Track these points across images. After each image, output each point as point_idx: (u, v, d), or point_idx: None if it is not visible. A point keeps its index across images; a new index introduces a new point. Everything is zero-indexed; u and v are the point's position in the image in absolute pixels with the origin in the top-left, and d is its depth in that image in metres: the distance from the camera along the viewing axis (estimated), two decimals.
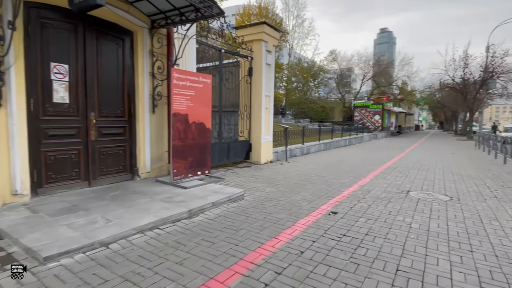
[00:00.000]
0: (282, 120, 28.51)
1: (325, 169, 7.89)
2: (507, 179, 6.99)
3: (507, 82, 28.34)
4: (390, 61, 45.23)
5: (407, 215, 4.06)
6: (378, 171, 7.72)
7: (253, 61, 8.32)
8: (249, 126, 8.42)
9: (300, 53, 44.63)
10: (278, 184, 5.81)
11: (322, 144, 13.06)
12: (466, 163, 9.81)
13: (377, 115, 30.71)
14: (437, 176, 7.22)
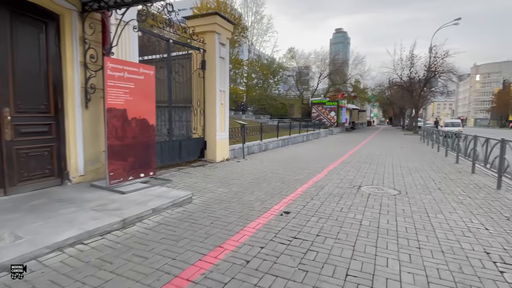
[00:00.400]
0: (243, 116, 28.31)
1: (281, 165, 7.76)
2: (448, 171, 7.47)
3: (447, 80, 31.20)
4: (344, 60, 47.27)
5: (358, 211, 4.01)
6: (332, 166, 7.79)
7: (206, 54, 7.87)
8: (203, 122, 7.99)
9: (260, 49, 44.78)
10: (232, 184, 5.50)
11: (280, 140, 13.04)
12: (413, 157, 10.40)
13: (333, 112, 31.88)
14: (386, 170, 7.47)
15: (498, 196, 4.92)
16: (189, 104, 7.79)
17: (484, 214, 3.96)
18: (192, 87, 7.74)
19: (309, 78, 49.10)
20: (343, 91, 40.33)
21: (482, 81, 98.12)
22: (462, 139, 8.86)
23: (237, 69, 37.29)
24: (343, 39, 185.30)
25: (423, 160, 9.61)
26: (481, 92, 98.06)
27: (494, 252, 2.80)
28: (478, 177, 6.71)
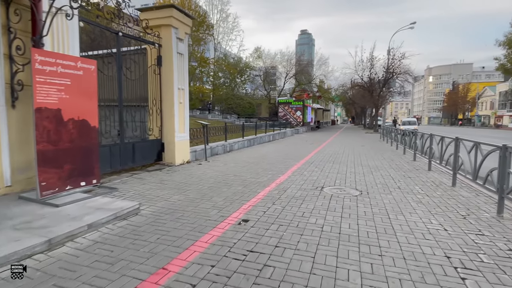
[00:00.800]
0: (209, 116, 27.63)
1: (245, 167, 7.46)
2: (407, 169, 7.67)
3: (403, 81, 33.07)
4: (309, 60, 48.27)
5: (320, 216, 3.82)
6: (296, 167, 7.66)
7: (162, 49, 7.33)
8: (161, 123, 7.44)
9: (226, 48, 44.27)
10: (189, 190, 5.08)
11: (246, 140, 12.76)
12: (373, 155, 10.67)
13: (299, 111, 32.36)
14: (348, 169, 7.49)
15: (453, 194, 5.05)
16: (144, 103, 7.21)
17: (442, 214, 3.97)
18: (147, 85, 7.16)
19: (276, 78, 49.56)
20: (308, 91, 41.16)
21: (434, 82, 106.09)
22: (419, 137, 9.21)
23: (203, 68, 36.53)
24: (308, 41, 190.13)
25: (383, 158, 9.87)
26: (434, 92, 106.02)
27: (455, 256, 2.72)
28: (434, 174, 6.95)
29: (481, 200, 4.63)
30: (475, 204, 4.42)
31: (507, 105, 57.43)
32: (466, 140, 5.33)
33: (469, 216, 3.87)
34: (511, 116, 56.08)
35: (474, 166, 4.77)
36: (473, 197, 4.82)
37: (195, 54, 35.03)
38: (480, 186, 4.88)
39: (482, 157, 4.46)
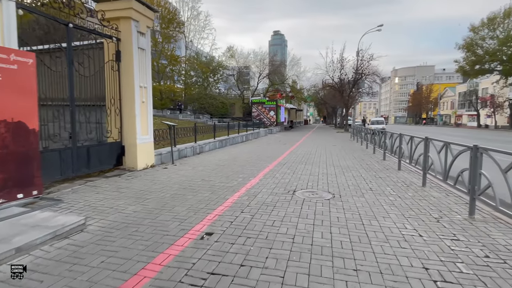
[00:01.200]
0: (180, 116, 26.75)
1: (215, 170, 7.05)
2: (377, 169, 7.67)
3: (372, 82, 34.18)
4: (282, 60, 48.58)
5: (291, 224, 3.54)
6: (268, 169, 7.38)
7: (121, 44, 6.73)
8: (120, 124, 6.83)
9: (198, 46, 43.34)
10: (149, 199, 4.59)
11: (217, 141, 12.30)
12: (345, 154, 10.68)
13: (272, 111, 32.33)
14: (321, 170, 7.34)
15: (424, 194, 5.00)
16: (102, 103, 6.56)
17: (415, 217, 3.85)
18: (104, 82, 6.53)
19: (250, 78, 49.39)
20: (281, 91, 41.37)
21: (400, 83, 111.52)
22: (388, 136, 9.31)
23: (174, 66, 35.46)
24: (281, 41, 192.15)
25: (354, 157, 9.89)
26: (400, 93, 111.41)
27: (433, 266, 2.54)
28: (404, 174, 6.97)
29: (451, 201, 4.60)
30: (447, 205, 4.37)
31: (465, 105, 61.54)
32: (436, 140, 5.32)
33: (442, 219, 3.77)
34: (469, 115, 60.20)
35: (444, 166, 4.74)
36: (443, 198, 4.80)
37: (165, 51, 33.94)
38: (449, 186, 4.87)
39: (453, 157, 4.42)
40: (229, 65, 44.59)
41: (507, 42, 34.83)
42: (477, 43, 38.65)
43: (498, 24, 36.39)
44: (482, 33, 38.07)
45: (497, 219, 3.78)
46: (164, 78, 36.45)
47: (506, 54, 35.30)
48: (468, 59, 39.68)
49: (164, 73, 35.69)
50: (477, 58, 38.52)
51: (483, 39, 38.07)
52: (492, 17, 36.55)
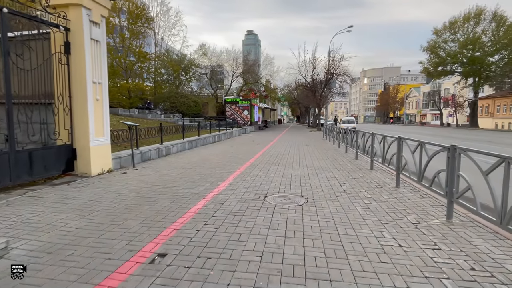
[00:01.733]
0: (149, 115, 25.58)
1: (180, 175, 6.49)
2: (350, 169, 7.49)
3: (342, 82, 34.87)
4: (255, 59, 48.33)
5: (260, 237, 3.12)
6: (239, 171, 6.94)
7: (71, 34, 5.96)
8: (70, 124, 6.06)
9: (168, 43, 41.96)
10: (97, 211, 3.97)
11: (187, 142, 11.65)
12: (318, 155, 10.51)
13: (246, 111, 31.95)
14: (294, 171, 7.02)
15: (399, 196, 4.81)
16: (48, 100, 5.76)
17: (392, 223, 3.58)
18: (51, 78, 5.74)
19: (224, 77, 48.69)
20: (255, 90, 41.11)
21: (369, 84, 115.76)
22: (360, 136, 9.22)
23: (142, 63, 33.97)
24: (254, 41, 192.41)
25: (327, 157, 9.73)
26: (368, 93, 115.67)
27: (418, 286, 2.23)
28: (377, 174, 6.84)
29: (427, 203, 4.43)
30: (423, 208, 4.18)
31: (429, 104, 65.01)
32: (410, 140, 5.16)
33: (420, 224, 3.54)
34: (433, 114, 63.68)
35: (419, 167, 4.57)
36: (419, 200, 4.63)
37: (132, 48, 32.40)
38: (423, 187, 4.71)
39: (428, 158, 4.23)
40: (202, 63, 43.68)
41: (466, 45, 37.08)
42: (439, 46, 40.83)
43: (458, 28, 38.66)
44: (444, 36, 40.27)
45: (475, 222, 3.61)
46: (132, 75, 34.85)
47: (466, 56, 37.58)
48: (432, 60, 41.83)
49: (132, 71, 34.11)
50: (440, 60, 40.71)
51: (445, 42, 40.28)
52: (453, 21, 38.77)
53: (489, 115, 45.94)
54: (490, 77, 38.43)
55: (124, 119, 11.30)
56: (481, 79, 38.84)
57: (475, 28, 37.68)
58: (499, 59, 37.22)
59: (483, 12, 36.78)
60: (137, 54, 32.58)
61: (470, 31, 37.82)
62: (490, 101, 45.47)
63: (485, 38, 37.18)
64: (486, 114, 46.53)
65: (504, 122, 42.27)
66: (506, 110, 41.97)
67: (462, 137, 21.75)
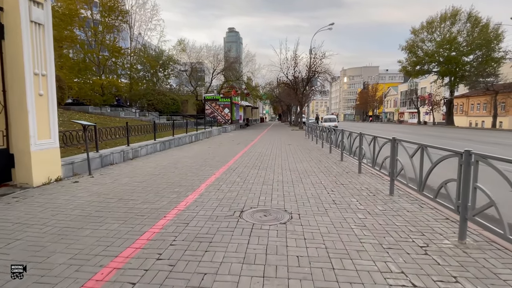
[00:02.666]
0: (122, 113, 24.07)
1: (143, 183, 5.56)
2: (337, 172, 6.84)
3: (324, 81, 34.65)
4: (236, 56, 47.28)
5: (230, 280, 2.32)
6: (214, 177, 6.11)
7: (5, 15, 4.88)
8: (6, 125, 4.98)
9: (145, 38, 40.16)
10: (17, 241, 3.01)
11: (158, 143, 10.62)
12: (301, 155, 9.84)
13: (227, 109, 30.99)
14: (276, 176, 6.27)
15: (396, 207, 4.16)
16: None
17: (396, 247, 2.89)
18: None
19: (204, 74, 47.37)
20: (236, 87, 40.17)
21: (348, 83, 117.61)
22: (346, 136, 8.62)
23: (116, 58, 32.18)
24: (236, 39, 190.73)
25: (311, 158, 9.07)
26: (348, 92, 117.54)
27: None
28: (366, 178, 6.21)
29: (429, 216, 3.80)
30: (426, 224, 3.53)
31: (406, 103, 66.58)
32: (407, 142, 4.53)
33: (430, 248, 2.87)
34: (410, 112, 65.27)
35: (420, 174, 3.92)
36: (418, 212, 3.99)
37: (105, 42, 30.63)
38: (424, 196, 4.08)
39: (432, 164, 3.58)
40: (181, 59, 42.21)
41: (443, 45, 37.90)
42: (417, 45, 41.56)
43: (435, 28, 39.46)
44: (422, 35, 41.01)
45: (491, 243, 2.99)
46: (106, 71, 33.01)
47: (443, 56, 38.43)
48: (410, 59, 42.54)
49: (106, 66, 32.28)
50: (418, 59, 41.46)
51: (423, 42, 41.03)
52: (430, 21, 39.52)
53: (463, 113, 47.52)
54: (465, 77, 39.56)
55: (82, 118, 10.12)
56: (457, 78, 39.93)
57: (451, 28, 38.61)
58: (473, 59, 38.35)
59: (458, 12, 37.73)
60: (110, 48, 30.83)
61: (447, 31, 38.72)
62: (465, 99, 47.02)
63: (460, 38, 38.17)
64: (461, 112, 48.10)
65: (478, 120, 43.80)
66: (480, 108, 43.49)
67: (449, 135, 21.94)
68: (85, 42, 29.00)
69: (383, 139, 5.53)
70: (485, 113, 41.94)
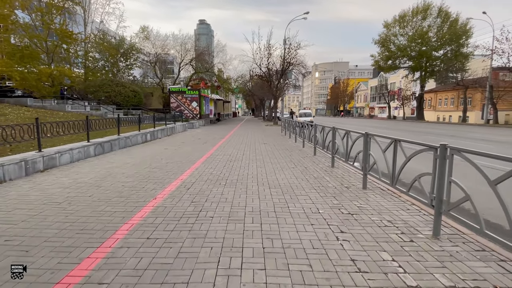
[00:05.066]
0: (68, 107, 20.57)
1: (12, 229, 3.18)
2: (333, 188, 4.83)
3: (298, 74, 33.02)
4: (206, 46, 44.17)
5: None
6: (153, 205, 3.85)
7: None
8: None
9: (104, 24, 35.99)
10: None
11: (93, 145, 8.03)
12: (280, 159, 7.79)
13: (195, 102, 28.28)
14: (249, 202, 4.14)
15: None
16: None
17: None
18: None
19: (172, 66, 43.93)
20: (206, 80, 37.37)
21: (320, 78, 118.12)
22: (342, 136, 6.67)
23: (68, 44, 28.17)
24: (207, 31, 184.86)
25: (293, 164, 7.05)
26: (320, 87, 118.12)
27: None
28: (379, 198, 4.25)
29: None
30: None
31: (376, 98, 67.37)
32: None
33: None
34: (380, 107, 66.12)
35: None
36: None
37: (54, 25, 26.62)
38: None
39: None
40: (145, 48, 38.59)
41: (415, 39, 37.74)
42: (390, 39, 41.22)
43: (407, 22, 39.22)
44: (394, 29, 40.69)
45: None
46: (57, 60, 28.87)
47: (414, 50, 38.32)
48: (383, 54, 42.17)
49: (55, 54, 28.17)
50: (390, 53, 41.15)
51: (395, 36, 40.74)
52: (402, 15, 39.19)
53: (432, 108, 48.44)
54: (435, 72, 39.89)
55: (12, 114, 7.34)
56: (427, 73, 40.17)
57: (423, 23, 38.57)
58: (443, 54, 38.67)
59: (430, 7, 37.68)
60: (59, 33, 26.81)
61: (418, 26, 38.64)
62: (433, 94, 47.88)
63: (431, 33, 38.26)
64: (429, 107, 49.00)
65: (445, 115, 44.74)
66: (447, 103, 44.39)
67: (423, 130, 21.07)
68: (29, 26, 24.85)
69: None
70: (453, 108, 42.85)
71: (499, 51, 26.82)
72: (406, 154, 3.47)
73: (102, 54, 32.95)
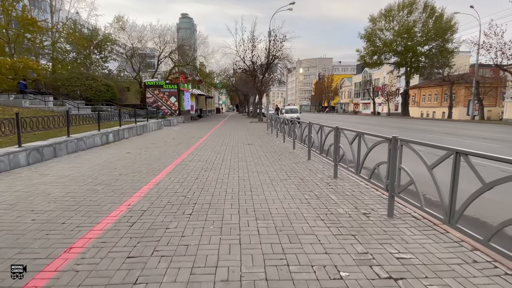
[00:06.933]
0: (26, 102, 18.14)
1: None
2: (346, 216, 3.30)
3: (283, 68, 31.53)
4: (186, 37, 41.75)
5: None
6: (83, 244, 2.19)
7: None
8: None
9: (71, 11, 33.02)
10: None
11: (25, 152, 6.15)
12: (268, 165, 6.22)
13: (173, 97, 26.23)
14: (222, 249, 2.54)
15: None
16: None
17: None
18: None
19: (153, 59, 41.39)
20: (187, 73, 35.20)
21: (304, 74, 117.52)
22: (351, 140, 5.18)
23: (31, 33, 25.44)
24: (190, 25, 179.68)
25: (285, 173, 5.50)
26: (304, 83, 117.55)
27: None
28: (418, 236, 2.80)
29: None
30: None
31: (361, 94, 67.12)
32: None
33: None
34: (364, 103, 65.92)
35: None
36: None
37: (14, 10, 23.97)
38: None
39: None
40: (121, 40, 35.97)
41: (401, 34, 37.10)
42: (376, 34, 40.47)
43: (393, 17, 38.53)
44: (380, 24, 39.95)
45: None
46: (19, 51, 26.10)
47: (400, 45, 37.71)
48: (369, 49, 41.41)
49: (18, 44, 25.41)
50: (376, 48, 40.43)
51: (381, 30, 40.02)
52: (388, 9, 38.46)
53: (415, 104, 48.38)
54: (420, 67, 39.54)
55: None
56: (413, 68, 39.77)
57: (409, 17, 38.01)
58: (428, 49, 38.32)
59: (416, 1, 37.11)
60: (20, 20, 24.10)
61: (404, 20, 38.05)
62: (417, 90, 47.79)
63: (416, 28, 37.78)
64: (413, 103, 48.94)
65: (429, 111, 44.72)
66: (431, 99, 44.34)
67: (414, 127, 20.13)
68: None
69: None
70: (436, 104, 42.82)
71: (486, 46, 26.35)
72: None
73: (73, 45, 30.29)
